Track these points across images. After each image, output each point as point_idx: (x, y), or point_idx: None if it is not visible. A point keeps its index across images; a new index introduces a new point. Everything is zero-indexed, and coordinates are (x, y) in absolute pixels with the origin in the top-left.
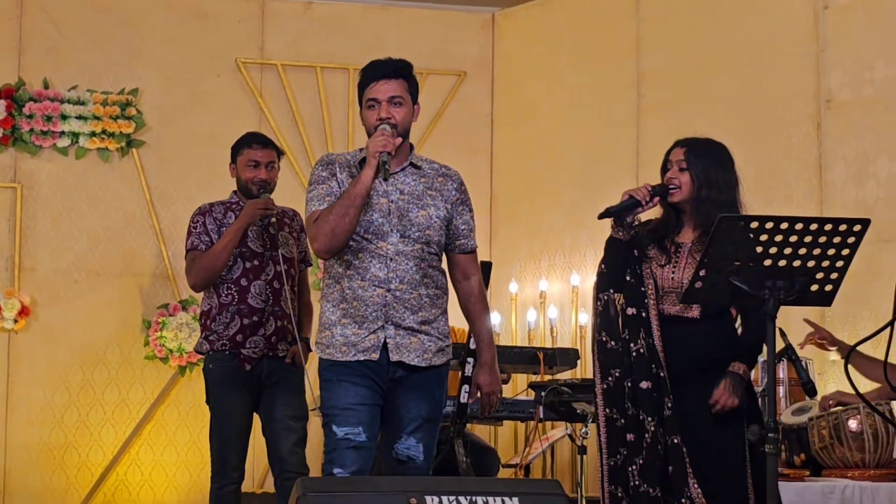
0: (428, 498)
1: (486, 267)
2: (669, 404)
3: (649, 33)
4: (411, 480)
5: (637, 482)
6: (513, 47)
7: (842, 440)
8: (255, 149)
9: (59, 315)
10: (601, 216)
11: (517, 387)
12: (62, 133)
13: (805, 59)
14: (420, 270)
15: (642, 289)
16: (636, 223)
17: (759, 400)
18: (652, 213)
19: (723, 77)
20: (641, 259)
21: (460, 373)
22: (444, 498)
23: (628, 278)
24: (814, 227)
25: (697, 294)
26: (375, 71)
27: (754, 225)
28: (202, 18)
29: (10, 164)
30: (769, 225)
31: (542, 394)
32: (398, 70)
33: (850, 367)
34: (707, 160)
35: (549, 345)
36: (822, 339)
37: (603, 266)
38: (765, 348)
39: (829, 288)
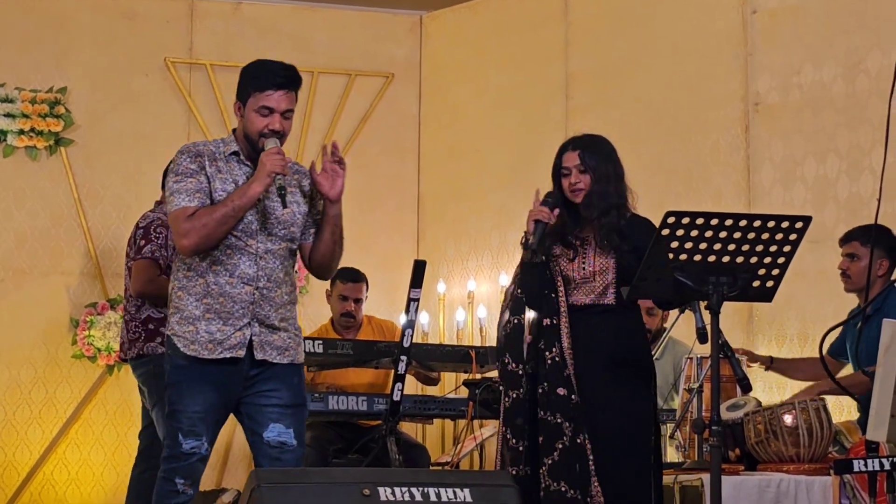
0: (381, 489)
1: (420, 266)
2: (576, 400)
3: (578, 36)
4: (366, 471)
5: (548, 482)
6: (440, 50)
7: (777, 435)
8: None
9: None
10: (531, 254)
11: (447, 385)
12: None
13: (733, 63)
14: (283, 268)
15: (553, 295)
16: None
17: (685, 396)
18: None
19: (652, 80)
20: (548, 260)
21: (393, 371)
22: (397, 489)
23: (546, 291)
24: (757, 223)
25: (642, 289)
26: (274, 79)
27: (700, 221)
28: (131, 18)
29: None
30: (714, 221)
31: (477, 391)
32: (296, 82)
33: (779, 374)
34: (598, 156)
35: (477, 344)
36: (744, 354)
37: (518, 290)
38: (706, 346)
39: (770, 284)
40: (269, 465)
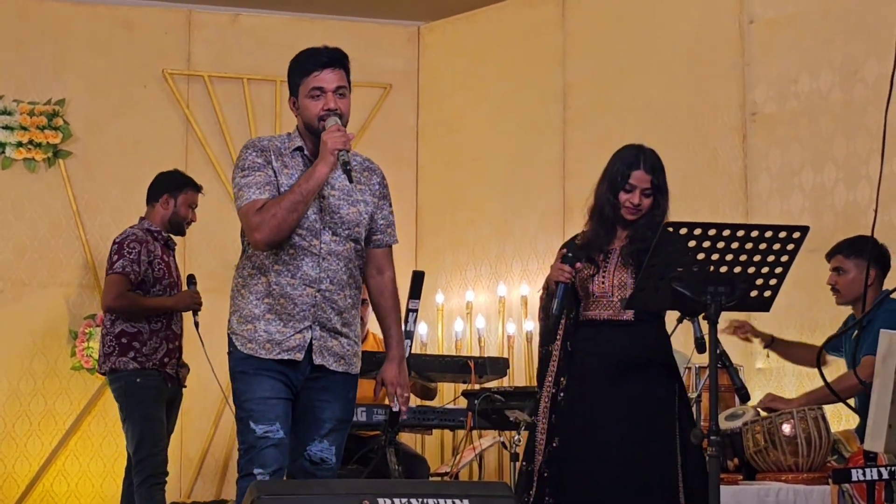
0: (381, 500)
1: (419, 276)
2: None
3: (575, 45)
4: (365, 483)
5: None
6: (438, 60)
7: (776, 444)
8: (198, 193)
9: None
10: (554, 321)
11: (446, 396)
12: None
13: (731, 72)
14: (347, 271)
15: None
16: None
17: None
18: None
19: (649, 89)
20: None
21: None
22: (397, 500)
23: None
24: (755, 233)
25: (640, 300)
26: (318, 59)
27: (697, 232)
28: (128, 29)
29: None
30: (712, 232)
31: (476, 401)
32: (341, 59)
33: (777, 354)
34: (665, 183)
35: (476, 354)
36: (745, 331)
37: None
38: (705, 355)
39: (767, 294)
40: (301, 478)
